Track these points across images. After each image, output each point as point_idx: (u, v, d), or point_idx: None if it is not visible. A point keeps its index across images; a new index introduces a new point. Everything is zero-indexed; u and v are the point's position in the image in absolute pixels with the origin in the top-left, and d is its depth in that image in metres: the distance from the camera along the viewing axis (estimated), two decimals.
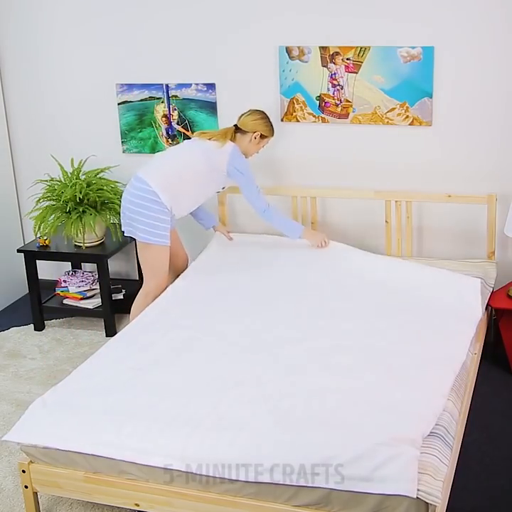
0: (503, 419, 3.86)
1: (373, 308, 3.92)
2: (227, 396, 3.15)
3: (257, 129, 4.37)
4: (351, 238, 4.86)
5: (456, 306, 3.93)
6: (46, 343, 4.87)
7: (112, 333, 4.90)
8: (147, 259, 4.38)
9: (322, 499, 2.76)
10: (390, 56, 4.41)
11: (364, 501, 2.71)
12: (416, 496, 2.64)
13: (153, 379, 3.31)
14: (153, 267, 4.38)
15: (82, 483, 3.07)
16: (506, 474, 3.45)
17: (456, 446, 3.18)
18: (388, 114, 4.54)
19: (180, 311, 3.98)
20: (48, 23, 4.99)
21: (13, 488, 3.48)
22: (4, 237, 5.39)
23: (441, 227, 4.68)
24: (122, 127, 5.08)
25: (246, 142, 4.41)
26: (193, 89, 4.86)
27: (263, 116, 4.40)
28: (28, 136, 5.32)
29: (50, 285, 5.39)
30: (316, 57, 4.54)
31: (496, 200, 4.42)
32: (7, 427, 3.95)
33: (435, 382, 3.22)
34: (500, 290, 4.36)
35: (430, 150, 4.56)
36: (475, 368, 3.81)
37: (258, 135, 4.38)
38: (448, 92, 4.42)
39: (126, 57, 4.93)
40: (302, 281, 4.25)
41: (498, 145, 4.44)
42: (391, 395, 3.10)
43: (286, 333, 3.68)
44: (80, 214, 4.77)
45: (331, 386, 3.19)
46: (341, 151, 4.70)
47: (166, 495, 2.95)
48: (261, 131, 4.38)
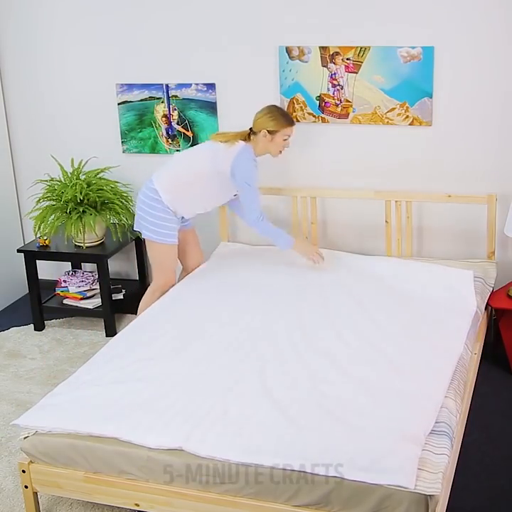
0: (503, 419, 3.86)
1: (373, 304, 3.95)
2: (227, 396, 3.16)
3: (262, 126, 4.26)
4: (351, 238, 4.86)
5: (450, 299, 3.99)
6: (46, 343, 4.87)
7: (112, 333, 4.90)
8: (153, 256, 4.47)
9: (322, 499, 2.76)
10: (390, 56, 4.41)
11: (364, 501, 2.70)
12: (414, 486, 2.64)
13: (156, 373, 3.36)
14: (159, 265, 4.46)
15: (82, 483, 3.07)
16: (506, 474, 3.45)
17: (456, 446, 3.18)
18: (388, 114, 4.53)
19: (182, 309, 4.00)
20: (48, 23, 4.99)
21: (13, 488, 3.48)
22: (4, 237, 5.39)
23: (441, 227, 4.68)
24: (122, 127, 5.08)
25: (260, 142, 4.29)
26: (193, 89, 4.86)
27: (267, 112, 4.28)
28: (28, 136, 5.32)
29: (50, 285, 5.39)
30: (316, 57, 4.54)
31: (496, 200, 4.42)
32: (7, 426, 3.95)
33: (434, 377, 3.24)
34: (500, 290, 4.36)
35: (430, 150, 4.55)
36: (475, 368, 3.81)
37: (265, 132, 4.26)
38: (448, 92, 4.42)
39: (126, 57, 4.92)
40: (302, 280, 4.27)
41: (498, 145, 4.44)
42: (391, 392, 3.12)
43: (286, 331, 3.70)
44: (80, 214, 4.77)
45: (331, 384, 3.21)
46: (341, 151, 4.70)
47: (166, 495, 2.95)
48: (267, 127, 4.25)
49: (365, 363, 3.38)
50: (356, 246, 4.85)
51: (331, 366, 3.36)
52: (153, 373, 3.37)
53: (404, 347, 3.50)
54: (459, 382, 3.32)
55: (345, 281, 4.24)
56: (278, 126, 4.26)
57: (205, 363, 3.44)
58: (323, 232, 4.88)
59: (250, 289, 4.18)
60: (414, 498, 2.64)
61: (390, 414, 2.98)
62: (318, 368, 3.35)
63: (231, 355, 3.50)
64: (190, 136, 4.95)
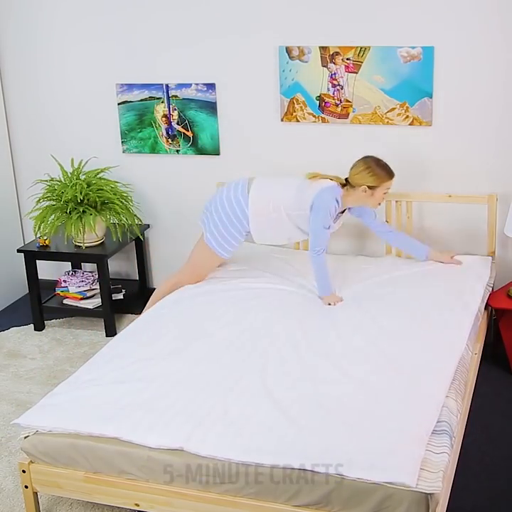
0: (503, 419, 3.86)
1: (374, 304, 3.95)
2: (228, 396, 3.16)
3: (362, 182, 4.02)
4: (351, 238, 4.86)
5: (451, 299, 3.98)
6: (46, 343, 4.87)
7: (112, 333, 4.90)
8: (199, 257, 4.34)
9: (322, 499, 2.76)
10: (390, 56, 4.41)
11: (364, 501, 2.70)
12: (416, 485, 2.63)
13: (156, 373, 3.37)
14: (197, 266, 4.34)
15: (82, 483, 3.07)
16: (506, 474, 3.45)
17: (456, 447, 3.18)
18: (388, 114, 4.53)
19: (183, 309, 4.01)
20: (48, 23, 4.99)
21: (13, 488, 3.48)
22: (4, 237, 5.39)
23: (442, 227, 4.68)
24: (122, 127, 5.08)
25: (356, 196, 4.07)
26: (193, 89, 4.86)
27: (365, 167, 4.03)
28: (28, 137, 5.32)
29: (50, 285, 5.39)
30: (316, 57, 4.54)
31: (496, 200, 4.41)
32: (7, 426, 3.95)
33: (435, 377, 3.24)
34: (500, 290, 4.36)
35: (430, 150, 4.55)
36: (475, 368, 3.81)
37: (365, 188, 4.02)
38: (448, 92, 4.42)
39: (126, 57, 4.92)
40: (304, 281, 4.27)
41: (499, 145, 4.44)
42: (392, 392, 3.12)
43: (287, 331, 3.70)
44: (80, 214, 4.77)
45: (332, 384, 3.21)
46: (341, 151, 4.70)
47: (166, 495, 2.95)
48: (366, 183, 4.01)
49: (366, 363, 3.37)
50: (357, 246, 4.85)
51: (332, 366, 3.36)
52: (154, 373, 3.37)
53: (405, 347, 3.50)
54: (459, 382, 3.32)
55: (346, 282, 4.25)
56: (378, 181, 4.03)
57: (206, 362, 3.44)
58: None
59: (251, 290, 4.18)
60: (415, 497, 2.64)
61: (391, 414, 2.97)
62: (319, 368, 3.35)
63: (232, 355, 3.50)
64: (190, 136, 4.95)
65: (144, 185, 5.18)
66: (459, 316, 3.81)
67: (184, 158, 5.03)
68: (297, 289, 4.19)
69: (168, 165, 5.08)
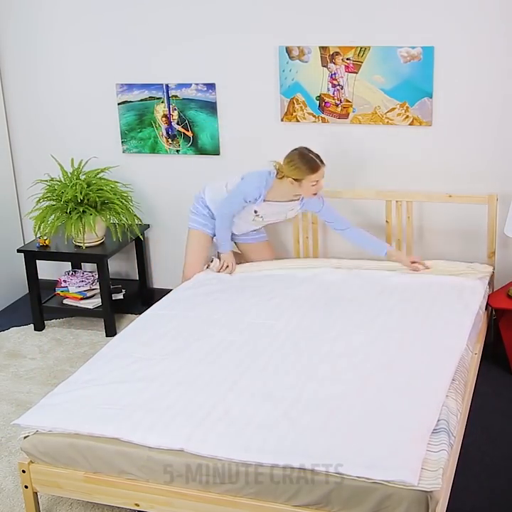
0: (503, 419, 3.86)
1: (375, 304, 3.96)
2: (228, 396, 3.16)
3: (287, 174, 4.14)
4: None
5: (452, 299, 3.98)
6: (46, 343, 4.87)
7: (112, 333, 4.90)
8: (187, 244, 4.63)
9: (322, 499, 2.76)
10: (390, 56, 4.41)
11: (364, 501, 2.70)
12: (417, 483, 2.63)
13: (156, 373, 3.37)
14: (187, 252, 4.59)
15: (82, 483, 3.07)
16: (506, 474, 3.45)
17: (456, 447, 3.18)
18: (388, 114, 4.53)
19: (183, 309, 4.02)
20: (48, 23, 4.99)
21: (13, 488, 3.48)
22: (4, 237, 5.39)
23: (442, 227, 4.68)
24: (122, 127, 5.07)
25: (287, 187, 4.19)
26: (193, 89, 4.86)
27: (290, 160, 4.13)
28: (28, 137, 5.32)
29: (50, 285, 5.39)
30: (316, 57, 4.54)
31: (496, 200, 4.41)
32: (7, 426, 3.95)
33: (436, 376, 3.25)
34: (500, 290, 4.36)
35: (430, 150, 4.55)
36: (475, 368, 3.82)
37: (291, 180, 4.13)
38: (448, 92, 4.42)
39: (126, 57, 4.92)
40: (304, 281, 4.27)
41: (499, 145, 4.44)
42: (393, 392, 3.12)
43: (288, 331, 3.70)
44: (80, 214, 4.77)
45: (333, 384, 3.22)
46: (341, 151, 4.70)
47: (166, 495, 2.95)
48: (292, 176, 4.12)
49: (367, 362, 3.38)
50: (358, 248, 4.85)
51: (332, 366, 3.36)
52: (154, 373, 3.37)
53: (405, 346, 3.50)
54: (459, 382, 3.33)
55: (347, 283, 4.25)
56: (300, 175, 4.10)
57: (206, 362, 3.44)
58: (323, 232, 4.88)
59: (251, 290, 4.18)
60: (415, 497, 2.64)
61: (392, 413, 2.98)
62: (319, 368, 3.35)
63: (232, 355, 3.50)
64: (190, 136, 4.95)
65: (144, 185, 5.18)
66: (459, 316, 3.81)
67: (184, 158, 5.03)
68: (297, 289, 4.19)
69: (168, 165, 5.08)
